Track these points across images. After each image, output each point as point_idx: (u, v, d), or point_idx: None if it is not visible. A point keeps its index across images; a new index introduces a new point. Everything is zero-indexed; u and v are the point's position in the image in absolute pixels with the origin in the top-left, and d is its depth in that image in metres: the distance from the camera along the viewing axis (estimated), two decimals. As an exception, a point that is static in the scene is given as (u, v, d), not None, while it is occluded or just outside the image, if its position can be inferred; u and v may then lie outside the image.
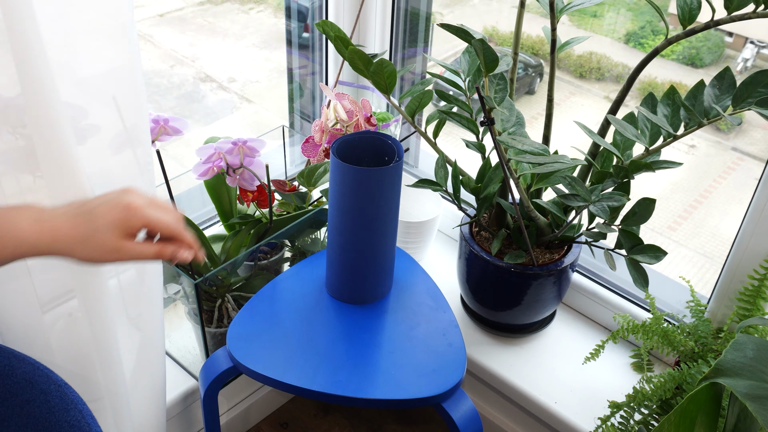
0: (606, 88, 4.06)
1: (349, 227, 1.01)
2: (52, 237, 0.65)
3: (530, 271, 1.16)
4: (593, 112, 3.83)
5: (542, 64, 3.86)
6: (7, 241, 0.63)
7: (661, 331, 1.10)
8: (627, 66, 4.05)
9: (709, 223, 3.27)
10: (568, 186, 1.01)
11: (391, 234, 1.05)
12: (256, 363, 0.99)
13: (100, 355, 0.89)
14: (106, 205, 0.67)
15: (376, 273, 1.07)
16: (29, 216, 0.65)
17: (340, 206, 1.00)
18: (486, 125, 0.95)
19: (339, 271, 1.07)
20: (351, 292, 1.09)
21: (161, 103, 4.69)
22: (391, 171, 0.97)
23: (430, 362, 1.00)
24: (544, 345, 1.29)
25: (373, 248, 1.04)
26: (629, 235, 1.09)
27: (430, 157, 1.60)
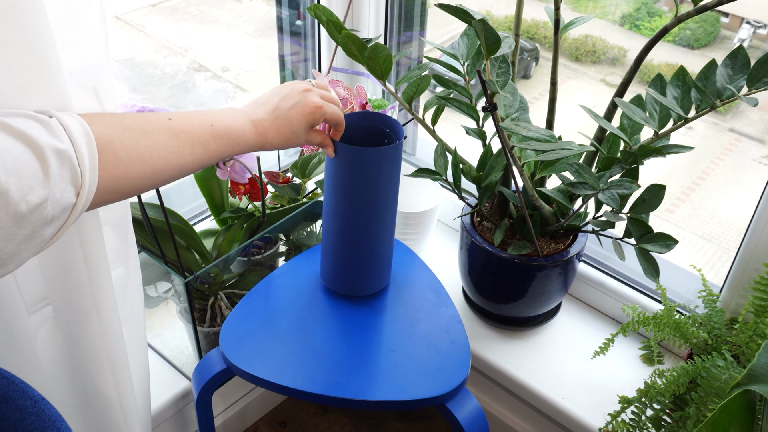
0: (602, 70, 4.01)
1: (346, 213, 0.96)
2: (264, 140, 0.80)
3: (535, 262, 1.12)
4: (590, 95, 3.78)
5: (537, 48, 3.81)
6: (240, 145, 0.77)
7: (673, 323, 1.05)
8: (623, 48, 3.99)
9: (707, 204, 3.24)
10: (574, 173, 0.97)
11: (390, 220, 0.99)
12: (250, 365, 0.94)
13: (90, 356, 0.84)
14: (296, 108, 0.82)
15: (375, 262, 1.02)
16: (246, 119, 0.78)
17: (336, 190, 0.94)
18: (488, 111, 0.90)
19: (334, 261, 1.02)
20: (347, 283, 1.03)
21: (155, 93, 4.64)
22: (391, 152, 0.92)
23: (433, 361, 0.96)
24: (549, 338, 1.25)
25: (371, 235, 0.98)
26: (638, 224, 1.04)
27: (428, 145, 1.55)
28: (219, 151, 0.75)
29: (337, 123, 0.88)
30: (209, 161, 0.75)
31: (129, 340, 0.94)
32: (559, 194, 1.05)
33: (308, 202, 1.15)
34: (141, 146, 0.66)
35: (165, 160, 0.68)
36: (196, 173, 1.18)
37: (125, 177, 0.65)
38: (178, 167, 0.71)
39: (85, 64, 0.73)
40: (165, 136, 0.69)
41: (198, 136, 0.72)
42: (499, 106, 0.95)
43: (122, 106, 1.06)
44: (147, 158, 0.66)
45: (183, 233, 1.07)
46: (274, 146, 0.82)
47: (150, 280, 1.12)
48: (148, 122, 0.68)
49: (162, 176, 0.69)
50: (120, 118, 0.67)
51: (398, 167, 0.95)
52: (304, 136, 0.84)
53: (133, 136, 0.66)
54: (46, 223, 0.57)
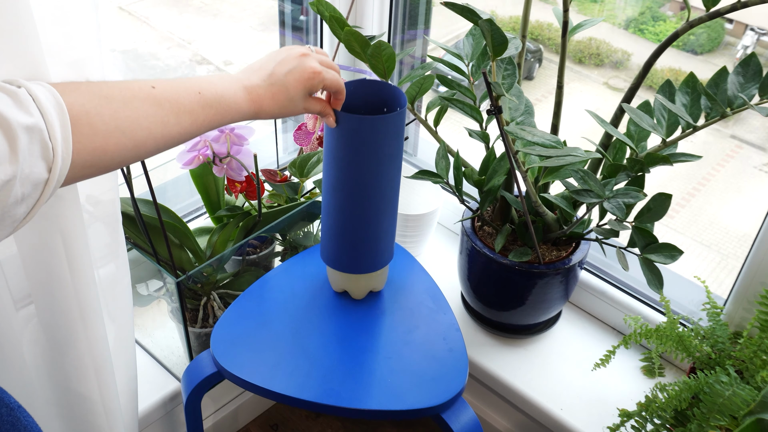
0: (605, 74, 3.98)
1: (347, 186, 0.90)
2: (258, 108, 0.75)
3: (536, 269, 1.09)
4: (593, 99, 3.75)
5: (541, 49, 3.77)
6: (232, 114, 0.73)
7: (676, 336, 1.03)
8: (627, 52, 3.97)
9: (707, 211, 3.21)
10: (580, 180, 0.94)
11: (394, 193, 0.94)
12: (241, 369, 0.91)
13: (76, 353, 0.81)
14: (293, 73, 0.77)
15: (378, 238, 0.96)
16: (239, 86, 0.74)
17: (336, 162, 0.89)
18: (493, 114, 0.87)
19: (336, 237, 0.96)
20: (349, 261, 0.97)
21: (159, 84, 4.63)
22: (394, 120, 0.87)
23: (429, 369, 0.93)
24: (549, 347, 1.22)
25: (374, 209, 0.92)
26: (643, 233, 1.02)
27: (430, 145, 1.52)
28: (208, 121, 0.70)
29: (337, 90, 0.83)
30: (197, 131, 0.70)
31: (116, 340, 0.91)
32: (562, 201, 1.02)
33: (306, 202, 1.13)
34: (120, 117, 0.62)
35: (147, 131, 0.64)
36: (192, 170, 1.16)
37: (103, 150, 0.61)
38: (163, 139, 0.66)
39: (77, 56, 0.70)
40: (147, 105, 0.64)
41: (184, 105, 0.67)
42: (505, 109, 0.93)
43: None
44: (127, 130, 0.62)
45: (176, 231, 1.04)
46: (269, 114, 0.77)
47: (141, 278, 1.10)
48: (129, 90, 0.64)
49: (145, 148, 0.65)
50: (97, 87, 0.62)
51: (401, 136, 0.90)
52: (302, 103, 0.80)
53: (112, 106, 0.61)
54: (16, 201, 0.54)
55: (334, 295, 1.03)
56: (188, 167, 1.07)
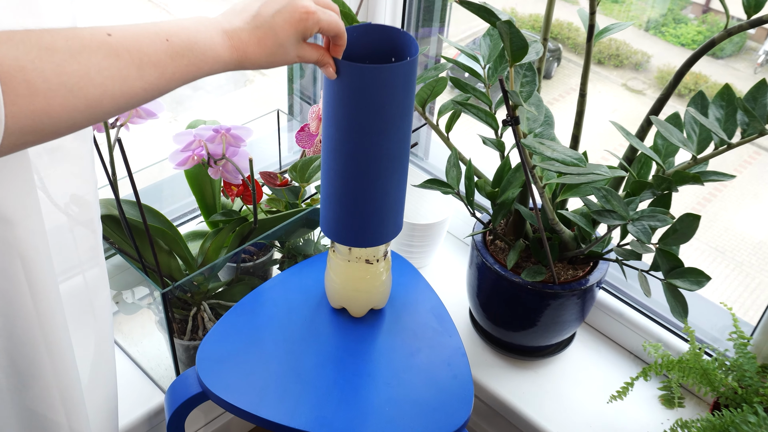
0: (624, 75, 3.89)
1: (350, 148, 0.78)
2: (242, 56, 0.65)
3: (550, 289, 1.02)
4: (610, 100, 3.67)
5: (560, 48, 3.69)
6: (209, 64, 0.62)
7: (700, 369, 0.95)
8: (646, 54, 3.88)
9: (722, 217, 3.13)
10: (602, 199, 0.86)
11: (403, 156, 0.81)
12: (226, 390, 0.84)
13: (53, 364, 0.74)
14: (282, 14, 0.66)
15: (386, 207, 0.84)
16: (217, 30, 0.63)
17: (337, 121, 0.77)
18: (509, 125, 0.80)
19: (338, 207, 0.84)
20: (353, 234, 0.85)
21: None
22: (405, 70, 0.74)
23: (431, 398, 0.86)
24: (561, 371, 1.15)
25: (381, 175, 0.80)
26: (668, 256, 0.94)
27: (442, 149, 1.44)
28: (180, 74, 0.60)
29: (337, 34, 0.70)
30: (167, 86, 0.60)
31: (95, 355, 0.85)
32: (581, 219, 0.95)
33: (306, 209, 1.06)
34: (66, 72, 0.52)
35: (102, 88, 0.54)
36: (186, 170, 1.09)
37: (46, 113, 0.51)
38: (123, 97, 0.56)
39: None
40: (101, 56, 0.54)
41: (149, 55, 0.57)
42: (522, 119, 0.85)
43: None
44: (75, 87, 0.52)
45: (165, 236, 0.98)
46: (255, 63, 0.67)
47: (128, 284, 1.03)
48: (77, 39, 0.53)
49: (101, 109, 0.55)
50: (37, 36, 0.52)
51: (412, 90, 0.78)
52: (294, 50, 0.68)
53: (55, 60, 0.51)
54: None
55: (332, 312, 0.96)
56: (181, 168, 1.01)
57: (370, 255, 0.89)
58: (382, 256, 0.90)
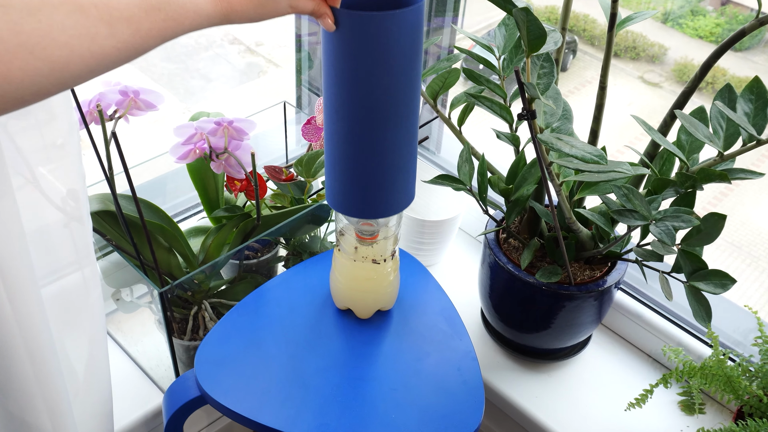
0: (640, 67, 3.82)
1: (353, 108, 0.71)
2: (227, 8, 0.58)
3: (565, 290, 0.97)
4: (626, 93, 3.61)
5: (576, 40, 3.63)
6: (190, 18, 0.56)
7: (724, 376, 0.91)
8: (663, 46, 3.80)
9: (739, 211, 3.08)
10: (622, 198, 0.81)
11: (413, 114, 0.74)
12: (225, 395, 0.81)
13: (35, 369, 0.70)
14: None
15: (396, 172, 0.76)
16: None
17: (338, 77, 0.70)
18: (525, 119, 0.75)
19: (342, 174, 0.76)
20: (361, 203, 0.78)
21: (188, 63, 4.55)
22: (409, 18, 0.67)
23: (440, 404, 0.82)
24: (576, 374, 1.10)
25: (386, 137, 0.73)
26: (691, 258, 0.89)
27: (454, 144, 1.40)
28: (157, 30, 0.54)
29: None
30: (144, 45, 0.53)
31: (89, 358, 0.81)
32: (600, 218, 0.90)
33: (312, 204, 1.01)
34: (24, 31, 0.46)
35: (68, 48, 0.48)
36: (189, 164, 1.05)
37: (5, 78, 0.46)
38: (94, 58, 0.50)
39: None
40: (64, 13, 0.48)
41: (119, 10, 0.51)
42: (539, 113, 0.81)
43: (105, 83, 0.94)
44: (37, 48, 0.47)
45: (165, 232, 0.94)
46: (243, 16, 0.60)
47: (126, 282, 1.00)
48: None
49: (70, 72, 0.49)
50: None
51: (420, 40, 0.70)
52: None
53: (10, 18, 0.46)
54: None
55: (337, 313, 0.92)
56: (183, 161, 0.97)
57: (377, 254, 0.85)
58: (390, 255, 0.86)
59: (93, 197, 0.92)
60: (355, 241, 0.84)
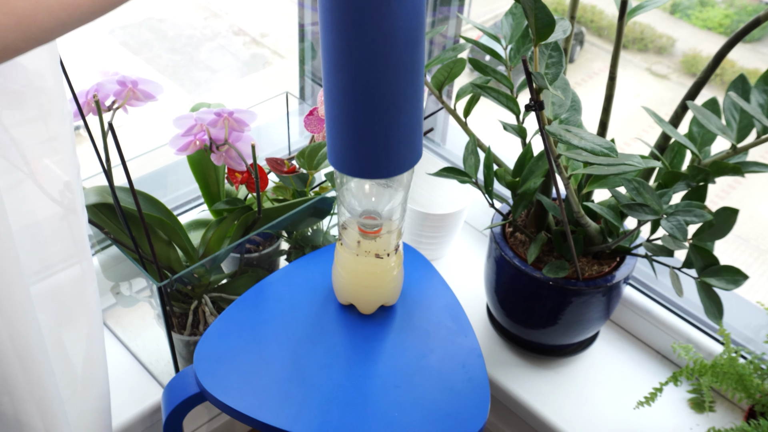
0: (648, 59, 3.78)
1: (353, 57, 0.65)
2: None
3: (572, 285, 0.95)
4: (634, 85, 3.58)
5: (583, 31, 3.59)
6: None
7: (736, 375, 0.88)
8: (672, 38, 3.76)
9: (747, 204, 3.05)
10: (633, 191, 0.79)
11: (419, 63, 0.68)
12: (225, 392, 0.79)
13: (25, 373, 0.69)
14: None
15: (403, 127, 0.70)
16: None
17: (339, 27, 0.64)
18: (533, 110, 0.73)
19: (346, 133, 0.70)
20: (364, 160, 0.71)
21: (192, 54, 4.54)
22: None
23: (444, 403, 0.80)
24: (583, 371, 1.08)
25: (389, 88, 0.67)
26: (702, 253, 0.87)
27: (460, 136, 1.38)
28: None
29: None
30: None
31: (86, 352, 0.79)
32: (609, 212, 0.88)
33: (314, 197, 0.99)
34: None
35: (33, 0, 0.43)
36: (189, 156, 1.03)
37: None
38: (63, 9, 0.45)
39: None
40: None
41: None
42: (547, 104, 0.78)
43: (103, 73, 0.92)
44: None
45: (164, 226, 0.92)
46: None
47: (125, 276, 0.98)
48: None
49: (38, 25, 0.44)
50: None
51: None
52: None
53: None
54: None
55: (339, 308, 0.90)
56: (182, 153, 0.95)
57: (381, 249, 0.83)
58: (393, 249, 0.84)
59: (90, 189, 0.90)
60: (358, 235, 0.82)
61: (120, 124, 1.43)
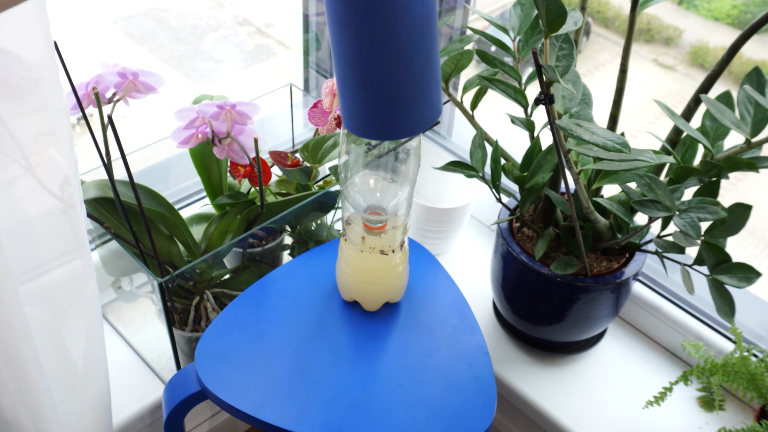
0: (655, 50, 3.76)
1: (366, 17, 0.60)
2: None
3: (581, 282, 0.93)
4: (640, 76, 3.55)
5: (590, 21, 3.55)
6: None
7: (747, 374, 0.87)
8: (679, 29, 3.74)
9: (753, 196, 3.03)
10: (644, 187, 0.77)
11: (429, 14, 0.62)
12: (227, 391, 0.78)
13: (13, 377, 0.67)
14: None
15: (414, 85, 0.64)
16: None
17: None
18: (542, 104, 0.71)
19: (356, 88, 0.65)
20: (378, 119, 0.66)
21: (197, 45, 4.52)
22: None
23: (450, 402, 0.79)
24: (590, 368, 1.07)
25: (401, 39, 0.61)
26: (714, 250, 0.85)
27: (467, 128, 1.36)
28: None
29: None
30: None
31: (86, 350, 0.78)
32: (619, 208, 0.86)
33: (318, 191, 0.98)
34: None
35: None
36: (191, 149, 1.01)
37: None
38: None
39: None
40: None
41: None
42: (557, 97, 0.76)
43: (104, 64, 0.90)
44: None
45: (165, 220, 0.90)
46: None
47: (126, 271, 0.97)
48: None
49: None
50: None
51: None
52: None
53: None
54: None
55: (343, 305, 0.88)
56: (184, 146, 0.93)
57: (385, 245, 0.81)
58: (399, 246, 0.82)
59: (90, 183, 0.89)
60: (363, 230, 0.81)
61: (125, 114, 1.40)
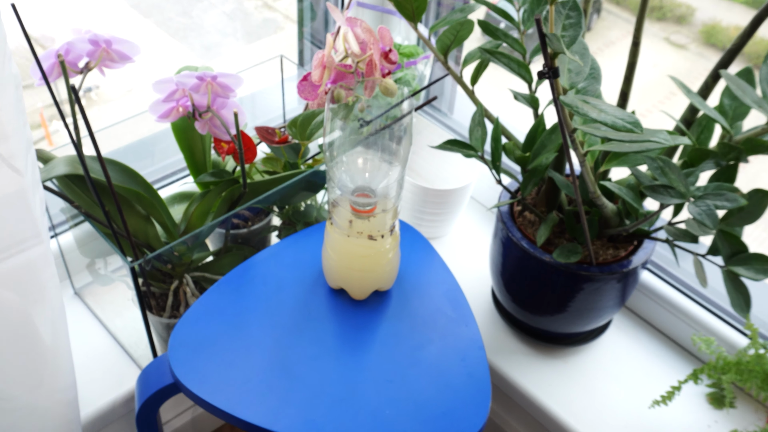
0: (666, 29, 3.67)
1: None
2: None
3: (585, 271, 0.87)
4: (651, 55, 3.46)
5: (600, -2, 3.49)
6: None
7: (762, 373, 0.81)
8: (691, 7, 3.64)
9: (763, 178, 2.96)
10: (657, 171, 0.71)
11: None
12: (201, 385, 0.72)
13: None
14: None
15: None
16: None
17: None
18: (546, 78, 0.64)
19: None
20: None
21: (203, 18, 4.43)
22: None
23: (441, 400, 0.73)
24: (594, 361, 1.01)
25: None
26: (730, 239, 0.79)
27: (469, 104, 1.29)
28: None
29: None
30: None
31: (51, 341, 0.72)
32: (628, 192, 0.80)
33: (307, 170, 0.92)
34: None
35: None
36: (173, 124, 0.95)
37: None
38: None
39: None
40: None
41: None
42: (563, 71, 0.70)
43: (75, 31, 0.84)
44: None
45: (141, 199, 0.85)
46: None
47: (101, 253, 0.91)
48: None
49: None
50: None
51: None
52: None
53: None
54: None
55: (329, 293, 0.82)
56: (164, 120, 0.87)
57: (374, 230, 0.75)
58: (389, 231, 0.76)
59: (60, 159, 0.83)
60: (350, 214, 0.75)
61: (129, 88, 1.33)
